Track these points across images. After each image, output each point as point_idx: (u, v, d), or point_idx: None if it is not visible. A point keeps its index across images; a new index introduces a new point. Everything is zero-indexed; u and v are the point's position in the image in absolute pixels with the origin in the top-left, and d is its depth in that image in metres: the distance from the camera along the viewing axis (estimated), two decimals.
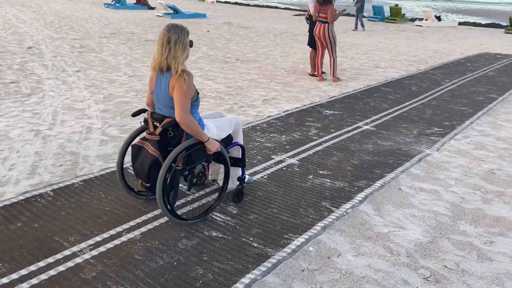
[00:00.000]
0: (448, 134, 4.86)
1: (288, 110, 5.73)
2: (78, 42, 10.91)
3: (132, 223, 2.91)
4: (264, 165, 3.92)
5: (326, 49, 7.51)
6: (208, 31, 14.54)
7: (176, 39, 2.63)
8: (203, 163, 2.94)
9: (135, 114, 2.94)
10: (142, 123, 2.92)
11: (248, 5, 31.36)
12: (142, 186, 2.86)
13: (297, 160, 4.05)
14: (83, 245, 2.67)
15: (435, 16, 20.47)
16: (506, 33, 17.67)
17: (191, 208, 3.08)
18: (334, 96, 6.59)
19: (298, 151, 4.28)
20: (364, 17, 21.78)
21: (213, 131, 2.92)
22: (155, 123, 2.79)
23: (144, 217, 2.98)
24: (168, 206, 2.72)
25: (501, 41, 14.67)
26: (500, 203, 3.36)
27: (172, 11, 18.85)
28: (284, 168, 3.86)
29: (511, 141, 4.71)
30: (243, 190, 3.20)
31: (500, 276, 2.49)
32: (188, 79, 2.65)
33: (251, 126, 5.03)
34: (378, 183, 3.57)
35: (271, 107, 5.96)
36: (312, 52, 7.94)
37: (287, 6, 32.92)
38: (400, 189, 3.53)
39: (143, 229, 2.84)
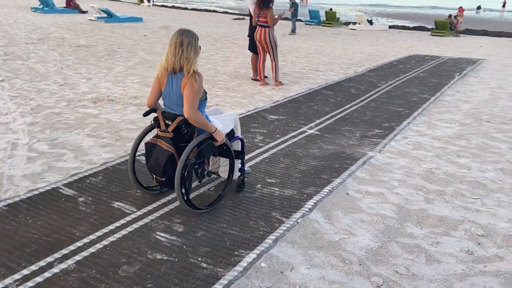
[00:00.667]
0: (388, 136, 5.00)
1: None
2: (2, 50, 10.04)
3: (65, 251, 2.62)
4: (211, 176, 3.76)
5: (268, 54, 7.50)
6: (145, 35, 14.05)
7: (188, 42, 2.86)
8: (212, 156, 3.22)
9: (146, 114, 3.14)
10: (152, 122, 3.09)
11: (186, 8, 30.90)
12: (157, 181, 3.03)
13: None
14: (8, 280, 2.35)
15: (367, 20, 21.43)
16: (432, 35, 18.90)
17: (201, 198, 3.31)
18: (278, 100, 6.57)
19: (246, 159, 4.16)
20: (300, 20, 22.31)
21: (219, 126, 3.12)
22: (166, 122, 2.98)
23: (78, 243, 2.70)
24: (185, 197, 2.94)
25: (428, 43, 15.63)
26: (441, 202, 3.46)
27: (105, 15, 18.03)
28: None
29: (445, 140, 4.93)
30: (244, 180, 3.50)
31: (449, 278, 2.53)
32: (199, 80, 2.88)
33: None
34: (326, 189, 3.55)
35: None
36: (253, 56, 7.90)
37: (225, 10, 32.90)
38: (347, 193, 3.53)
39: (77, 257, 2.56)
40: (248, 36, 7.98)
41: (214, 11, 31.10)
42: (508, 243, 2.89)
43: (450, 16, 20.44)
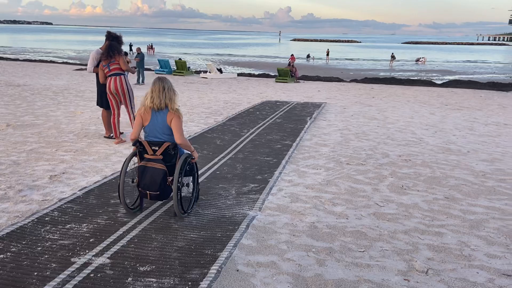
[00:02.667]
0: (264, 190, 4.79)
1: (85, 187, 4.71)
2: None
3: None
4: (62, 276, 2.89)
5: (124, 105, 6.82)
6: None
7: (168, 87, 3.83)
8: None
9: (134, 144, 3.87)
10: (138, 149, 3.87)
11: (16, 59, 27.53)
12: (150, 196, 3.76)
13: (108, 258, 3.16)
14: None
15: (217, 68, 22.20)
16: (276, 82, 20.49)
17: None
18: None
19: (108, 244, 3.39)
20: (149, 69, 21.88)
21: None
22: (153, 148, 3.79)
23: None
24: (181, 205, 3.86)
25: (275, 89, 16.79)
26: (333, 261, 3.28)
27: None
28: (92, 275, 2.92)
29: (318, 188, 4.95)
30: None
31: None
32: (181, 114, 3.86)
33: (36, 218, 3.83)
34: (214, 269, 3.03)
35: (62, 185, 4.81)
36: (104, 112, 7.07)
37: (65, 61, 30.48)
38: (237, 270, 3.08)
39: None
40: (97, 90, 7.16)
41: (52, 61, 28.45)
42: None
43: (289, 64, 22.60)
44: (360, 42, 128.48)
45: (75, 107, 10.31)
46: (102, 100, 7.02)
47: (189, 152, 4.01)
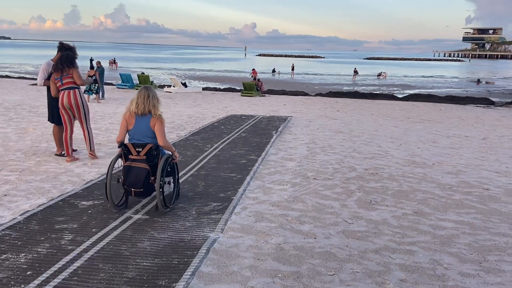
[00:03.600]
0: (227, 209, 4.48)
1: (28, 211, 4.24)
2: None
3: None
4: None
5: (78, 120, 6.36)
6: None
7: (153, 95, 4.28)
8: None
9: (120, 146, 4.27)
10: (122, 151, 4.27)
11: None
12: (134, 193, 4.18)
13: None
14: None
15: (182, 82, 21.80)
16: (242, 96, 20.33)
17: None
18: (92, 180, 5.43)
19: (47, 277, 2.97)
20: (111, 84, 21.23)
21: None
22: (137, 149, 4.20)
23: None
24: (163, 199, 4.25)
25: (241, 103, 16.59)
26: None
27: None
28: None
29: (284, 205, 4.70)
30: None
31: None
32: (163, 119, 4.29)
33: None
34: None
35: (1, 209, 4.32)
36: (55, 128, 6.58)
37: (21, 75, 29.20)
38: None
39: None
40: (48, 105, 6.66)
41: (8, 76, 27.14)
42: None
43: (254, 78, 22.54)
44: (324, 57, 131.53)
45: (27, 123, 9.66)
46: (54, 115, 6.53)
47: (170, 153, 4.43)
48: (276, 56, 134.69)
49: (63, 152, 6.59)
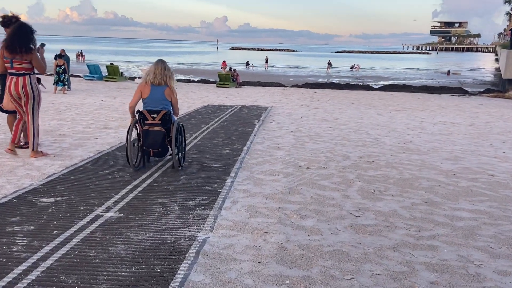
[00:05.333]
0: (216, 203, 3.87)
1: None
2: None
3: None
4: None
5: (24, 112, 5.28)
6: None
7: (168, 68, 4.83)
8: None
9: (137, 113, 4.78)
10: (137, 118, 4.79)
11: None
12: (153, 153, 4.74)
13: None
14: None
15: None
16: (218, 86, 19.61)
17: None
18: (54, 173, 4.68)
19: None
20: (78, 76, 20.07)
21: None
22: (152, 115, 4.69)
23: None
24: (179, 157, 4.89)
25: (217, 94, 15.89)
26: None
27: None
28: None
29: (279, 197, 4.13)
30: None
31: None
32: (176, 90, 4.91)
33: None
34: None
35: None
36: (10, 117, 5.74)
37: None
38: None
39: None
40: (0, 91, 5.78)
41: None
42: None
43: (230, 69, 21.84)
44: (296, 51, 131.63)
45: None
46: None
47: (178, 120, 5.02)
48: (249, 49, 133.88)
49: (22, 143, 5.76)
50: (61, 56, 15.22)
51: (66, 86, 14.47)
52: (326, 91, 18.83)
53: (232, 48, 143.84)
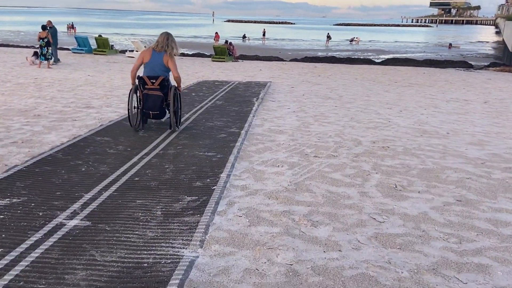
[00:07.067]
0: (207, 205, 3.16)
1: None
2: None
3: None
4: None
5: None
6: None
7: (172, 39, 5.24)
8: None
9: (138, 78, 5.16)
10: (137, 83, 5.18)
11: None
12: (152, 115, 5.17)
13: None
14: None
15: (145, 46, 19.80)
16: (213, 61, 18.66)
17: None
18: (16, 165, 3.95)
19: None
20: (66, 49, 19.02)
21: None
22: (151, 80, 5.09)
23: None
24: (176, 119, 5.25)
25: (212, 69, 15.00)
26: None
27: None
28: None
29: (285, 196, 3.43)
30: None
31: None
32: (174, 57, 5.22)
33: None
34: None
35: None
36: None
37: None
38: None
39: None
40: None
41: None
42: None
43: (226, 42, 20.80)
44: (294, 23, 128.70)
45: None
46: None
47: (175, 85, 5.26)
48: (246, 22, 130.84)
49: None
50: (45, 27, 14.19)
51: (52, 60, 13.54)
52: (327, 66, 17.95)
53: (228, 21, 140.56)
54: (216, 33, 30.83)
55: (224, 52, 19.03)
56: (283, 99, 8.41)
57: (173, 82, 5.34)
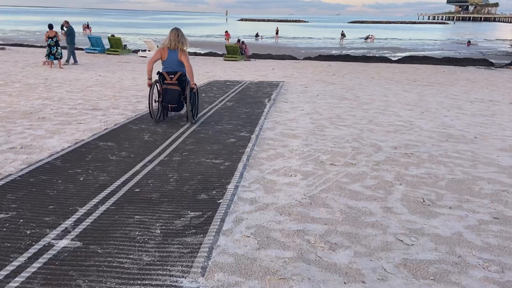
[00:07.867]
0: (212, 223, 2.83)
1: None
2: None
3: None
4: None
5: None
6: None
7: (182, 34, 5.55)
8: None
9: (158, 74, 5.61)
10: (158, 78, 5.63)
11: None
12: (171, 108, 5.61)
13: None
14: None
15: (157, 46, 19.61)
16: (225, 60, 18.37)
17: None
18: (10, 174, 3.68)
19: None
20: (80, 49, 18.95)
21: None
22: (170, 76, 5.54)
23: None
24: (192, 112, 5.66)
25: (224, 68, 14.71)
26: None
27: None
28: None
29: (298, 212, 3.08)
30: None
31: None
32: (187, 52, 5.63)
33: None
34: None
35: None
36: None
37: None
38: None
39: None
40: None
41: None
42: None
43: (238, 41, 20.49)
44: (307, 22, 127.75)
45: None
46: None
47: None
48: (258, 20, 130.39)
49: None
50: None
51: (64, 60, 13.37)
52: (342, 64, 17.49)
53: (242, 20, 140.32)
54: (226, 31, 30.61)
55: (236, 51, 18.72)
56: (296, 99, 8.05)
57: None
